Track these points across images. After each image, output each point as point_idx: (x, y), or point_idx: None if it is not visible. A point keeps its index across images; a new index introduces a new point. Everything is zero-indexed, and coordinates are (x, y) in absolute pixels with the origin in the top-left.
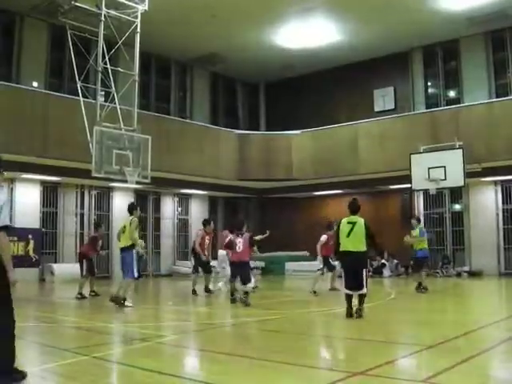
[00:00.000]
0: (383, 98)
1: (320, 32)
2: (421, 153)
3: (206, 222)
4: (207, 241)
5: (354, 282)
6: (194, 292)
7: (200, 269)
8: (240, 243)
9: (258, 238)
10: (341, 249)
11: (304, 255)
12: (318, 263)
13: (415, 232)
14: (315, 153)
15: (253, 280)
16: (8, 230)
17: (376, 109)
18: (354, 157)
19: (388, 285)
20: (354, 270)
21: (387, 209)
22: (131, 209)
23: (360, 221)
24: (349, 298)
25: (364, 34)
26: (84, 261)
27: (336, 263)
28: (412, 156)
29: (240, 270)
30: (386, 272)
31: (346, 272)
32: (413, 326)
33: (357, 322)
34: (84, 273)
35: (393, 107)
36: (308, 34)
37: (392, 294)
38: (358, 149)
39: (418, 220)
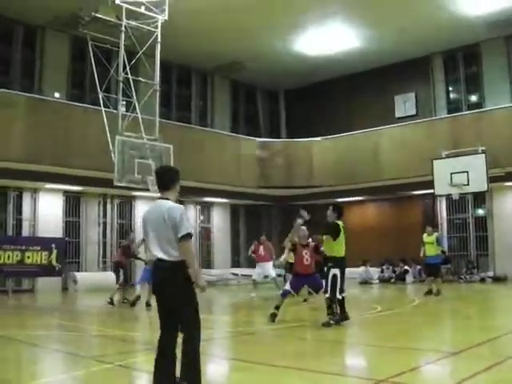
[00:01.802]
0: (404, 104)
1: (340, 38)
2: (443, 158)
3: None
4: None
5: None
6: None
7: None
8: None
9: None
10: (343, 254)
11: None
12: None
13: (430, 239)
14: (336, 159)
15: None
16: (191, 237)
17: (397, 114)
18: (375, 163)
19: (411, 291)
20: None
21: (409, 215)
22: None
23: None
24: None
25: (384, 39)
26: (120, 270)
27: None
28: (434, 161)
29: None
30: (409, 278)
31: (343, 276)
32: (436, 333)
33: (380, 329)
34: (120, 281)
35: (414, 113)
36: (328, 41)
37: (415, 301)
38: (379, 155)
39: (434, 227)
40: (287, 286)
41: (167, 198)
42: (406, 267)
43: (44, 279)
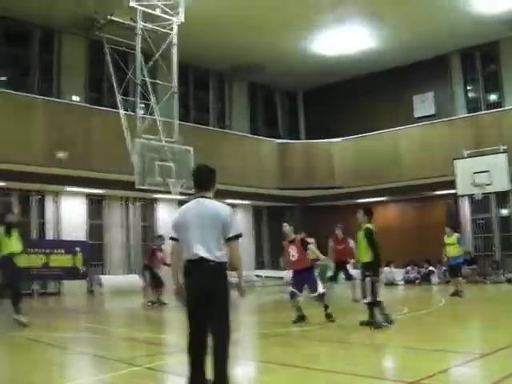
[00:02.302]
0: (423, 104)
1: (357, 38)
2: (464, 158)
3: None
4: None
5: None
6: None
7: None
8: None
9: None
10: (377, 258)
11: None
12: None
13: (450, 240)
14: (357, 160)
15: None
16: (239, 238)
17: (416, 114)
18: (396, 163)
19: (437, 292)
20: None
21: (432, 215)
22: None
23: None
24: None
25: (401, 39)
26: (147, 272)
27: (354, 272)
28: (455, 161)
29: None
30: (434, 279)
31: (379, 280)
32: (465, 334)
33: (407, 330)
34: (145, 283)
35: (433, 112)
36: (345, 41)
37: (442, 301)
38: (399, 155)
39: (453, 228)
40: (289, 288)
41: (209, 198)
42: (431, 268)
43: (69, 282)
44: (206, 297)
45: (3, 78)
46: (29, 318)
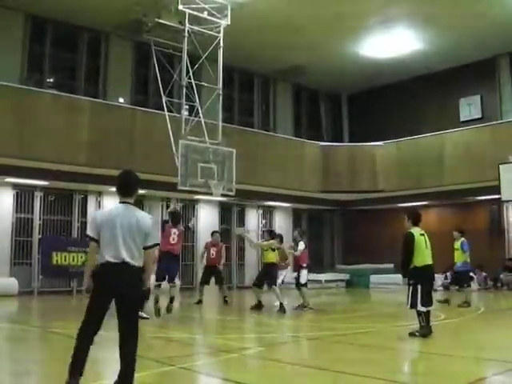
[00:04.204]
0: (469, 107)
1: (403, 41)
2: (510, 162)
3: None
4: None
5: (430, 296)
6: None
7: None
8: None
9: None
10: (423, 263)
11: (389, 268)
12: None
13: (456, 245)
14: (400, 164)
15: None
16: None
17: (462, 118)
18: (439, 167)
19: (476, 299)
20: (432, 284)
21: (475, 220)
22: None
23: (424, 233)
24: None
25: (448, 41)
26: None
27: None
28: (501, 166)
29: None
30: (474, 285)
31: (426, 287)
32: (503, 342)
33: (445, 337)
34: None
35: (480, 116)
36: (391, 44)
37: (481, 309)
38: (444, 159)
39: (461, 232)
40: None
41: (132, 204)
42: (471, 274)
43: None
44: (124, 296)
45: (51, 80)
46: (68, 316)
